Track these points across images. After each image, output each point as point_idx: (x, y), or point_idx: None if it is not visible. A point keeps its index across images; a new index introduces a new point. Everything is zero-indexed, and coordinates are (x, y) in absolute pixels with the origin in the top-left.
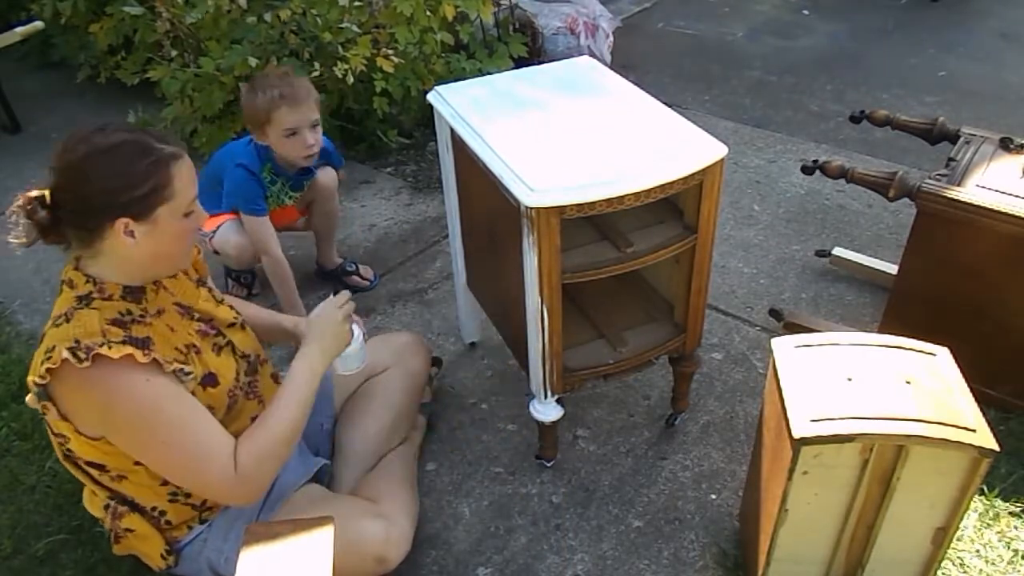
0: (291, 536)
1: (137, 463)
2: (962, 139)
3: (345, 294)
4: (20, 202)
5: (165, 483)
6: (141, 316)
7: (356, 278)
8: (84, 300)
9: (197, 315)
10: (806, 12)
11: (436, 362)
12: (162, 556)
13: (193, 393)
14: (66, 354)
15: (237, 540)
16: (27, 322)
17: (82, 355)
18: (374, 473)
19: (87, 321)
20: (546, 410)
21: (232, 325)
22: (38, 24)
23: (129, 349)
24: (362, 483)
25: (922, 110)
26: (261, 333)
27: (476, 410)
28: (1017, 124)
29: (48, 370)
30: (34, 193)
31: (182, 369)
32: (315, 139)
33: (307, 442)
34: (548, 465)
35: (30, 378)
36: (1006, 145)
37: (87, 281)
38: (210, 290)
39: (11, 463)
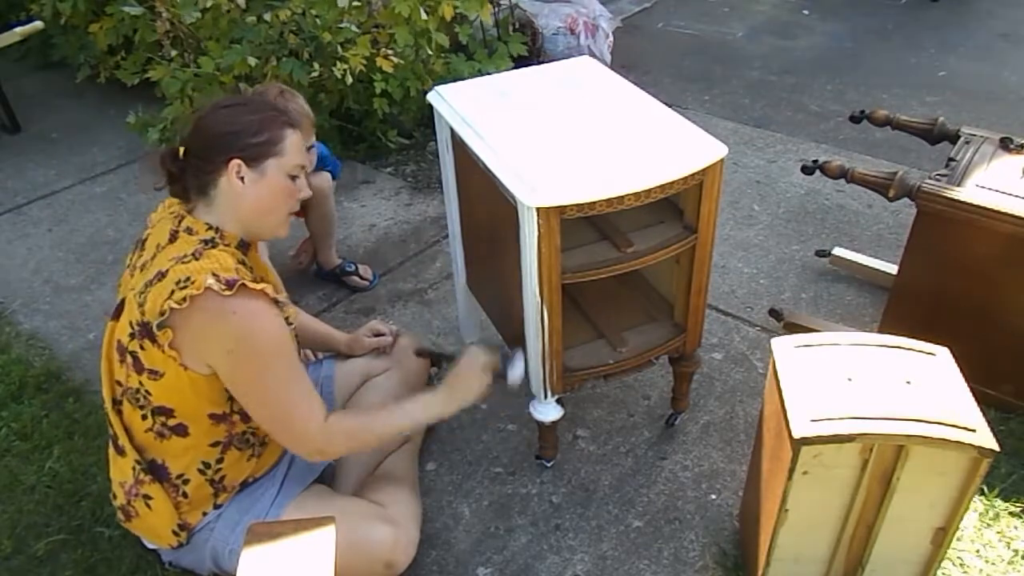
0: (293, 536)
1: (211, 417)
2: (962, 139)
3: (485, 360)
4: (154, 156)
5: (214, 444)
6: (251, 269)
7: (355, 278)
8: (209, 243)
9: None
10: (806, 12)
11: (437, 362)
12: (173, 532)
13: None
14: (211, 281)
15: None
16: (27, 322)
17: (224, 285)
18: (377, 475)
19: (220, 258)
20: (546, 410)
21: None
22: (38, 24)
23: (263, 285)
24: (366, 485)
25: (922, 110)
26: (307, 341)
27: (476, 410)
28: (1017, 124)
29: (188, 298)
30: (168, 148)
31: (287, 319)
32: (310, 160)
33: None
34: (548, 465)
35: (161, 304)
36: (1006, 145)
37: (208, 228)
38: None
39: (11, 463)
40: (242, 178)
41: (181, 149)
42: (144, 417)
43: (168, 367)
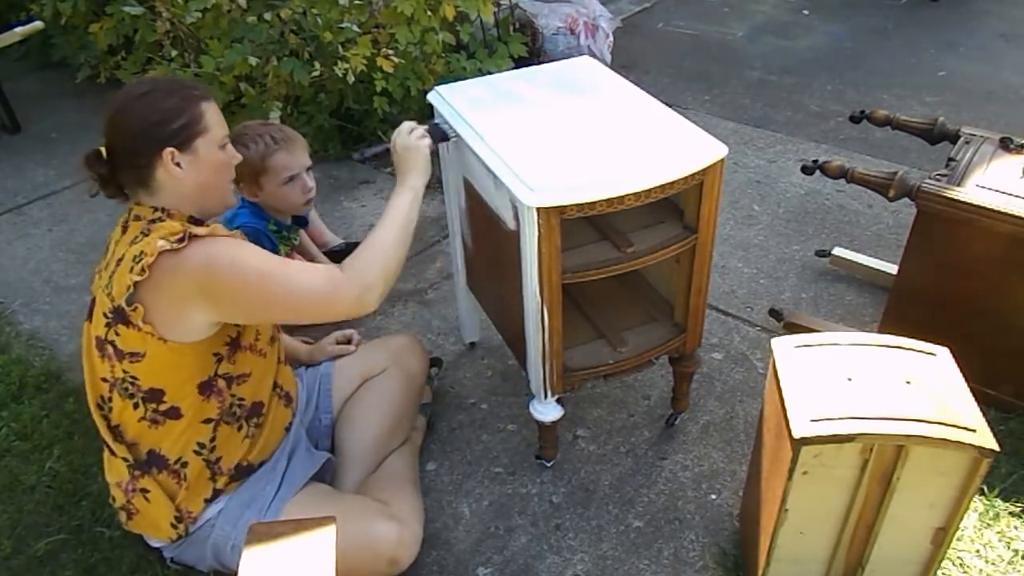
0: (293, 536)
1: (200, 388)
2: (962, 139)
3: (407, 124)
4: (81, 160)
5: (206, 421)
6: (209, 235)
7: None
8: (155, 220)
9: None
10: (806, 12)
11: (436, 362)
12: (172, 524)
13: None
14: (161, 243)
15: (247, 527)
16: (27, 322)
17: (175, 242)
18: (379, 474)
19: (167, 226)
20: (546, 410)
21: None
22: (38, 24)
23: (211, 228)
24: (368, 484)
25: (922, 110)
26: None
27: (476, 410)
28: (1017, 124)
29: (146, 267)
30: (91, 151)
31: None
32: (312, 182)
33: (308, 437)
34: (548, 465)
35: (125, 282)
36: (1006, 145)
37: (154, 210)
38: None
39: (11, 463)
40: (178, 164)
41: (103, 149)
42: (136, 406)
43: (147, 345)
